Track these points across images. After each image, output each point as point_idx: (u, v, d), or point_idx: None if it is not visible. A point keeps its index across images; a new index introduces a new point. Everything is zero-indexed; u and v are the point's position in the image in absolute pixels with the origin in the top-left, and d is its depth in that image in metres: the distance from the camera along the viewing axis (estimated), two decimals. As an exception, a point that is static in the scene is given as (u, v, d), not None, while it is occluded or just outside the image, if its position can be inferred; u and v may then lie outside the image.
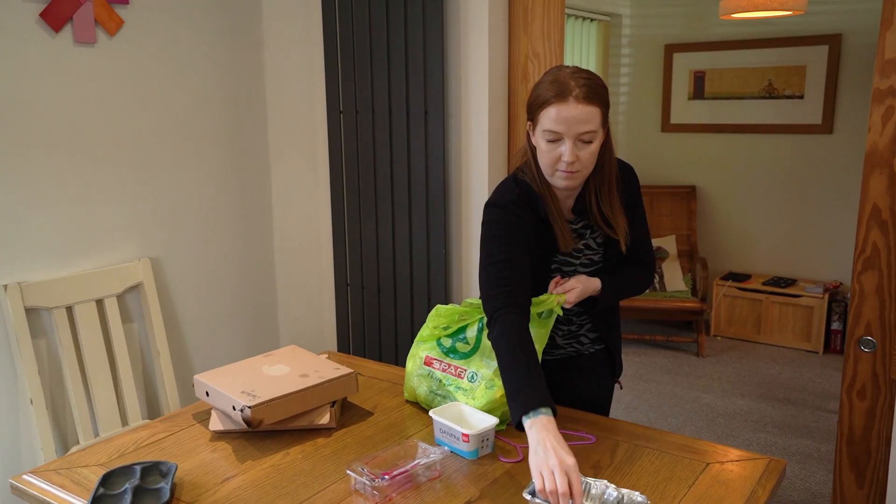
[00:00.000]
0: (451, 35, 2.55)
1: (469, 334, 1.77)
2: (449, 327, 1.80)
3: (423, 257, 2.69)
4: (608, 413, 1.95)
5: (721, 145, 5.05)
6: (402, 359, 2.75)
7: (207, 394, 1.74)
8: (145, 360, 2.64)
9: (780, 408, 3.88)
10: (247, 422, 1.61)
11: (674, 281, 4.82)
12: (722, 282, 4.92)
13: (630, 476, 1.48)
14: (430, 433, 1.67)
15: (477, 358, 1.74)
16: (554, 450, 1.33)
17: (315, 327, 3.14)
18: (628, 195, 1.73)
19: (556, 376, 1.84)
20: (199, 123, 2.72)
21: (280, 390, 1.66)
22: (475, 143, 2.57)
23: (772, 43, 4.73)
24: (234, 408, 1.63)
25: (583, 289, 1.68)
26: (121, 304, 2.52)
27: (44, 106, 2.27)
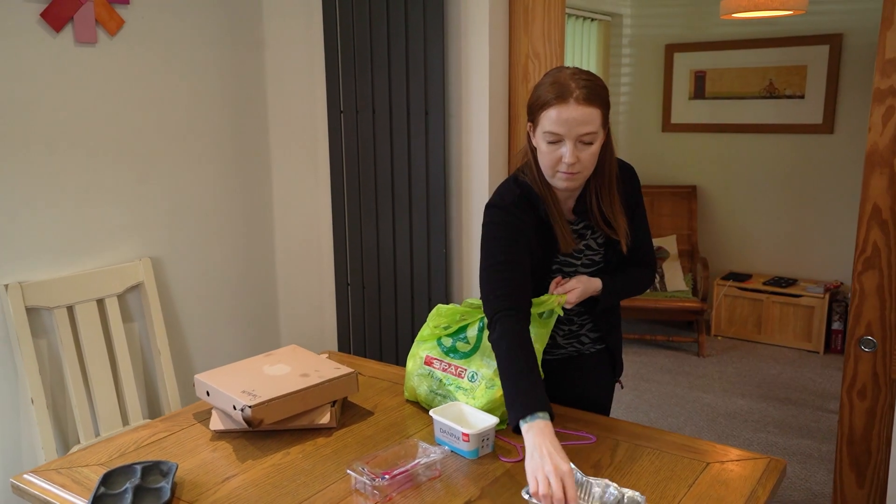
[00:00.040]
0: (452, 34, 2.55)
1: (469, 334, 1.78)
2: (449, 327, 1.80)
3: (424, 256, 2.69)
4: (609, 413, 1.95)
5: (722, 145, 5.05)
6: (403, 358, 2.75)
7: (208, 393, 1.74)
8: (146, 360, 2.64)
9: (781, 408, 3.88)
10: (247, 421, 1.61)
11: (674, 281, 4.82)
12: (723, 282, 4.92)
13: (630, 476, 1.48)
14: (431, 433, 1.68)
15: (477, 357, 1.74)
16: (550, 456, 1.34)
17: (315, 327, 3.14)
18: (629, 195, 1.73)
19: (557, 376, 1.84)
20: (200, 123, 2.72)
21: (280, 390, 1.66)
22: (476, 143, 2.57)
23: (772, 43, 4.73)
24: (235, 407, 1.63)
25: (583, 289, 1.68)
26: (121, 304, 2.52)
27: (45, 106, 2.28)
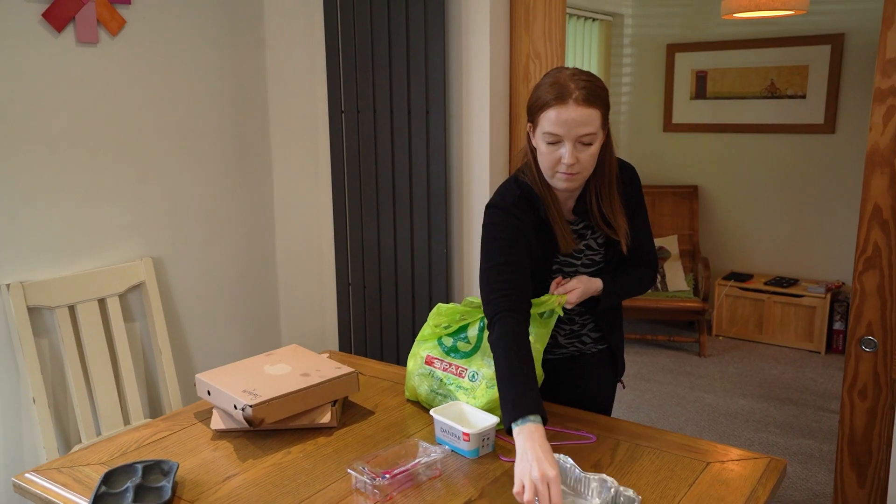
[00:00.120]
0: (453, 34, 2.55)
1: (470, 333, 1.78)
2: (450, 326, 1.80)
3: (425, 256, 2.69)
4: (610, 412, 1.95)
5: (723, 145, 5.05)
6: (404, 358, 2.75)
7: (209, 393, 1.74)
8: (147, 359, 2.65)
9: (782, 408, 3.88)
10: (248, 421, 1.61)
11: (676, 281, 4.82)
12: (724, 281, 4.91)
13: (630, 475, 1.49)
14: (431, 432, 1.68)
15: (478, 357, 1.74)
16: (537, 460, 1.33)
17: (316, 326, 3.15)
18: (630, 195, 1.73)
19: (559, 376, 1.84)
20: (201, 123, 2.72)
21: (281, 389, 1.67)
22: (476, 143, 2.57)
23: (774, 43, 4.72)
24: (236, 407, 1.63)
25: (584, 289, 1.68)
26: (123, 304, 2.52)
27: (46, 106, 2.28)
